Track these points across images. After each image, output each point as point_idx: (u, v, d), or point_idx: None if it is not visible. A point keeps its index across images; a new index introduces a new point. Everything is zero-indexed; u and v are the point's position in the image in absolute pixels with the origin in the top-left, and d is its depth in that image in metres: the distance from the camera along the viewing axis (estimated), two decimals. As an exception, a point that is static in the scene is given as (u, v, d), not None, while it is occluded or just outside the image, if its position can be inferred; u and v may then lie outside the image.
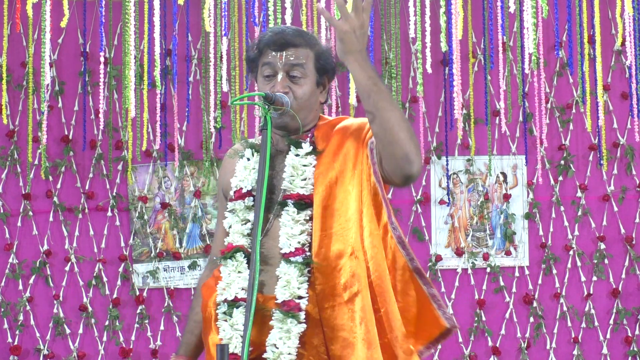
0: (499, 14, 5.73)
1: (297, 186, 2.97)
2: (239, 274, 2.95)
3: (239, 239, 2.99)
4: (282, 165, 3.03)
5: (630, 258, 6.26)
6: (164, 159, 6.16)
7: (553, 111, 6.28)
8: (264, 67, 3.02)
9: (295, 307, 2.86)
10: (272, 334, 2.87)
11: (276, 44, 3.01)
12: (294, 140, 3.02)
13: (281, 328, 2.86)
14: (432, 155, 6.23)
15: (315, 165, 2.99)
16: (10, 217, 6.15)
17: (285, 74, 3.00)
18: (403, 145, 2.85)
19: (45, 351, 6.07)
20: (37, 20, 5.74)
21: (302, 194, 2.96)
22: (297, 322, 2.86)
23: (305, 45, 3.04)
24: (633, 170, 6.29)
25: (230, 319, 2.92)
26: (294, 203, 2.95)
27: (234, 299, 2.93)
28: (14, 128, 6.15)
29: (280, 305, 2.87)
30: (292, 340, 2.85)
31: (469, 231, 6.25)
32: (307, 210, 2.95)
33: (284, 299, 2.87)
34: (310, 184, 2.97)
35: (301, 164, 2.99)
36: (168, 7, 5.76)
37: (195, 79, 6.18)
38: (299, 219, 2.94)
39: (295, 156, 3.00)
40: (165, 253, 6.17)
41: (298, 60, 3.01)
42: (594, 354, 6.21)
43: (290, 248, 2.91)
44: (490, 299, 6.23)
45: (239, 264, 2.96)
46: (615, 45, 6.15)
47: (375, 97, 2.86)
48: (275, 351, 2.85)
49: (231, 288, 2.94)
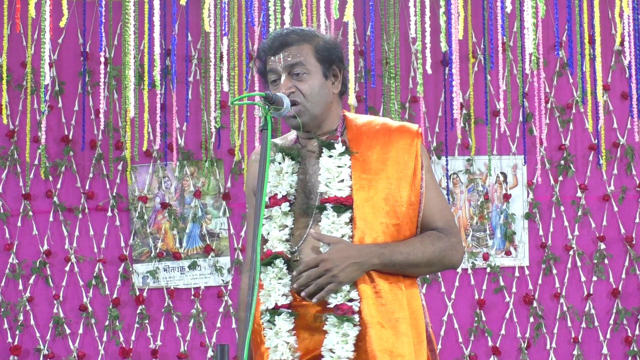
0: (498, 14, 5.73)
1: (334, 189, 2.94)
2: (280, 280, 2.93)
3: (278, 245, 2.95)
4: (315, 167, 3.01)
5: (630, 258, 6.26)
6: (163, 159, 6.16)
7: (553, 111, 6.28)
8: (269, 74, 3.01)
9: (349, 310, 2.86)
10: (328, 339, 2.85)
11: (272, 48, 3.00)
12: (325, 142, 2.99)
13: (337, 332, 2.85)
14: (432, 155, 6.22)
15: (350, 166, 2.96)
16: (10, 217, 6.15)
17: (287, 75, 2.99)
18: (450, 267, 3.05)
19: (45, 351, 6.07)
20: (37, 20, 5.73)
21: (340, 197, 2.93)
22: (353, 325, 2.85)
23: (301, 41, 3.01)
24: (633, 170, 6.29)
25: (274, 327, 2.90)
26: (333, 207, 2.92)
27: (274, 307, 2.91)
28: (14, 128, 6.15)
29: (334, 310, 2.86)
30: (349, 344, 2.85)
31: (469, 231, 6.25)
32: (346, 212, 2.92)
33: (336, 302, 2.87)
34: (347, 186, 2.94)
35: (336, 165, 2.96)
36: (168, 7, 5.76)
37: (195, 79, 6.18)
38: (339, 223, 2.92)
39: (329, 157, 2.97)
40: (165, 253, 6.17)
41: (296, 59, 2.99)
42: (594, 354, 6.21)
43: None
44: (490, 299, 6.23)
45: (279, 270, 2.93)
46: (615, 45, 6.15)
47: (414, 270, 2.97)
48: (332, 356, 2.85)
49: (271, 296, 2.92)
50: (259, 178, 2.76)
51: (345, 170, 2.95)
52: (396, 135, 3.01)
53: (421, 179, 2.99)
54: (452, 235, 3.00)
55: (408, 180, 2.97)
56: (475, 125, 6.08)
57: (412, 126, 3.04)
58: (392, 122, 3.07)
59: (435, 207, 3.01)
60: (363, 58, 6.15)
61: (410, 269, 2.95)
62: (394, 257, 2.90)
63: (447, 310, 6.20)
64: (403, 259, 2.92)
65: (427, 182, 3.00)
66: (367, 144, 3.00)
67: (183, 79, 6.07)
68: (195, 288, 6.17)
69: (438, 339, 6.18)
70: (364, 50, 6.14)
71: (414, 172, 2.98)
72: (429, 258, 2.95)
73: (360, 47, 6.17)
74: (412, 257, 2.92)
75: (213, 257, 6.16)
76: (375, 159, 2.98)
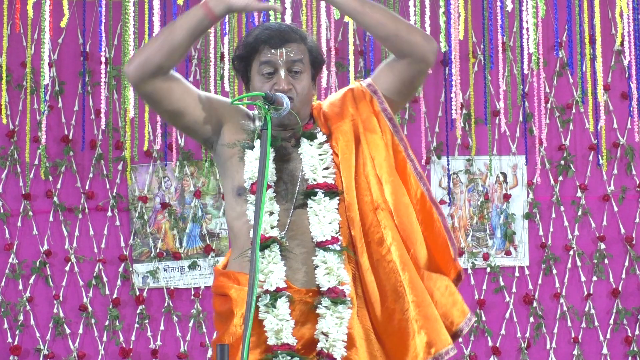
0: (498, 14, 5.73)
1: (320, 176, 3.00)
2: (275, 265, 2.95)
3: (269, 230, 2.97)
4: (292, 155, 3.05)
5: (630, 258, 6.26)
6: (163, 159, 6.16)
7: (553, 111, 6.28)
8: (263, 65, 3.02)
9: (342, 293, 2.92)
10: (323, 322, 2.91)
11: (274, 40, 3.02)
12: (307, 133, 3.04)
13: (332, 315, 2.90)
14: (432, 155, 6.22)
15: (332, 154, 3.03)
16: (10, 217, 6.15)
17: (286, 71, 3.01)
18: (402, 26, 3.07)
19: (45, 351, 6.07)
20: (37, 20, 5.73)
21: (330, 183, 2.99)
22: (347, 307, 2.91)
23: (300, 41, 3.06)
24: (633, 170, 6.29)
25: (274, 310, 2.92)
26: (324, 192, 2.98)
27: (275, 290, 2.93)
28: (14, 128, 6.14)
29: (327, 293, 2.92)
30: (343, 327, 2.91)
31: (469, 231, 6.25)
32: (335, 198, 2.99)
33: (329, 286, 2.92)
34: (332, 173, 3.01)
35: (318, 154, 3.02)
36: (168, 7, 5.75)
37: (196, 79, 6.18)
38: (330, 208, 2.97)
39: (310, 146, 3.02)
40: (165, 253, 6.17)
41: (297, 56, 3.02)
42: (594, 354, 6.21)
43: (326, 237, 2.95)
44: (490, 299, 6.23)
45: (275, 255, 2.96)
46: (615, 45, 6.15)
47: (367, 10, 3.03)
48: (328, 339, 2.90)
49: (271, 279, 2.94)
50: (259, 177, 2.76)
51: (328, 157, 3.02)
52: (345, 103, 3.10)
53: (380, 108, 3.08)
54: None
55: (374, 125, 3.06)
56: (475, 125, 6.08)
57: (351, 85, 3.15)
58: (338, 95, 3.16)
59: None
60: (363, 58, 6.15)
61: (361, 16, 3.03)
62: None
63: (447, 310, 6.19)
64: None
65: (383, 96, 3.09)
66: (333, 124, 3.09)
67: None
68: (195, 288, 6.17)
69: (438, 339, 6.18)
70: (364, 50, 6.14)
71: (374, 113, 3.07)
72: (382, 13, 3.04)
73: (360, 47, 6.17)
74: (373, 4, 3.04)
75: (213, 257, 6.16)
76: (343, 138, 3.06)
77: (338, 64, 5.95)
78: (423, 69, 3.07)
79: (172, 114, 3.06)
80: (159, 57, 2.98)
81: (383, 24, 3.04)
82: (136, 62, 2.99)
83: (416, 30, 3.10)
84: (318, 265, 2.96)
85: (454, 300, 3.06)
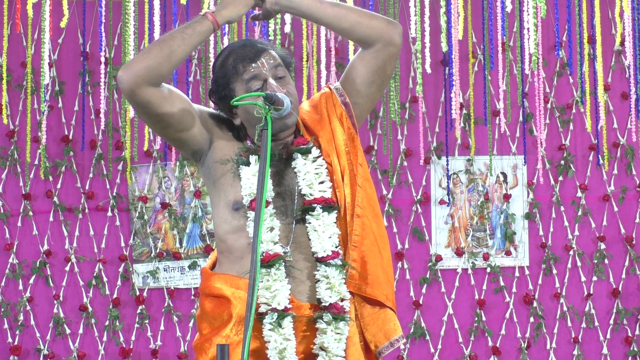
0: (498, 14, 5.73)
1: (316, 190, 2.99)
2: (281, 282, 2.95)
3: (273, 247, 2.96)
4: (286, 170, 3.03)
5: (630, 258, 6.26)
6: (163, 159, 6.16)
7: (553, 111, 6.28)
8: (251, 81, 3.00)
9: (342, 309, 2.94)
10: (323, 337, 2.93)
11: (250, 55, 3.01)
12: (302, 149, 3.02)
13: (332, 330, 2.92)
14: (432, 155, 6.23)
15: (326, 167, 3.03)
16: (10, 217, 6.15)
17: (273, 77, 3.00)
18: (363, 14, 3.03)
19: (45, 351, 6.07)
20: (37, 20, 5.73)
21: (328, 198, 2.99)
22: (346, 324, 2.94)
23: (270, 48, 3.06)
24: (633, 170, 6.29)
25: (280, 330, 2.92)
26: (322, 207, 2.98)
27: (283, 309, 2.93)
28: (14, 128, 6.15)
29: (329, 309, 2.93)
30: (342, 342, 2.93)
31: (469, 231, 6.25)
32: (333, 212, 2.99)
33: (331, 302, 2.94)
34: (328, 187, 3.00)
35: (313, 168, 3.01)
36: (168, 7, 5.76)
37: (195, 79, 6.18)
38: (328, 222, 2.97)
39: (304, 160, 3.01)
40: (165, 253, 6.17)
41: (277, 61, 3.03)
42: (594, 354, 6.21)
43: (326, 252, 2.96)
44: (490, 299, 6.23)
45: (281, 273, 2.95)
46: (615, 45, 6.15)
47: (326, 6, 3.01)
48: (327, 354, 2.92)
49: (278, 298, 2.93)
50: (259, 179, 2.75)
51: (324, 171, 3.02)
52: (322, 109, 3.11)
53: (345, 109, 3.09)
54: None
55: (344, 129, 3.07)
56: (475, 125, 6.08)
57: (322, 91, 3.16)
58: (313, 101, 3.16)
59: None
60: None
61: (321, 12, 3.02)
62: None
63: (447, 310, 6.20)
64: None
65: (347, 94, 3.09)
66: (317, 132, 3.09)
67: (183, 79, 6.06)
68: (196, 288, 6.17)
69: (438, 339, 6.19)
70: (364, 50, 6.13)
71: (340, 117, 3.08)
72: (341, 6, 3.02)
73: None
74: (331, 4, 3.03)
75: (213, 257, 6.16)
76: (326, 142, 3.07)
77: (338, 64, 5.95)
78: (392, 52, 3.05)
79: (164, 124, 3.00)
80: (166, 67, 2.92)
81: (344, 15, 3.01)
82: (135, 69, 2.91)
83: (377, 15, 3.09)
84: (320, 279, 2.96)
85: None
